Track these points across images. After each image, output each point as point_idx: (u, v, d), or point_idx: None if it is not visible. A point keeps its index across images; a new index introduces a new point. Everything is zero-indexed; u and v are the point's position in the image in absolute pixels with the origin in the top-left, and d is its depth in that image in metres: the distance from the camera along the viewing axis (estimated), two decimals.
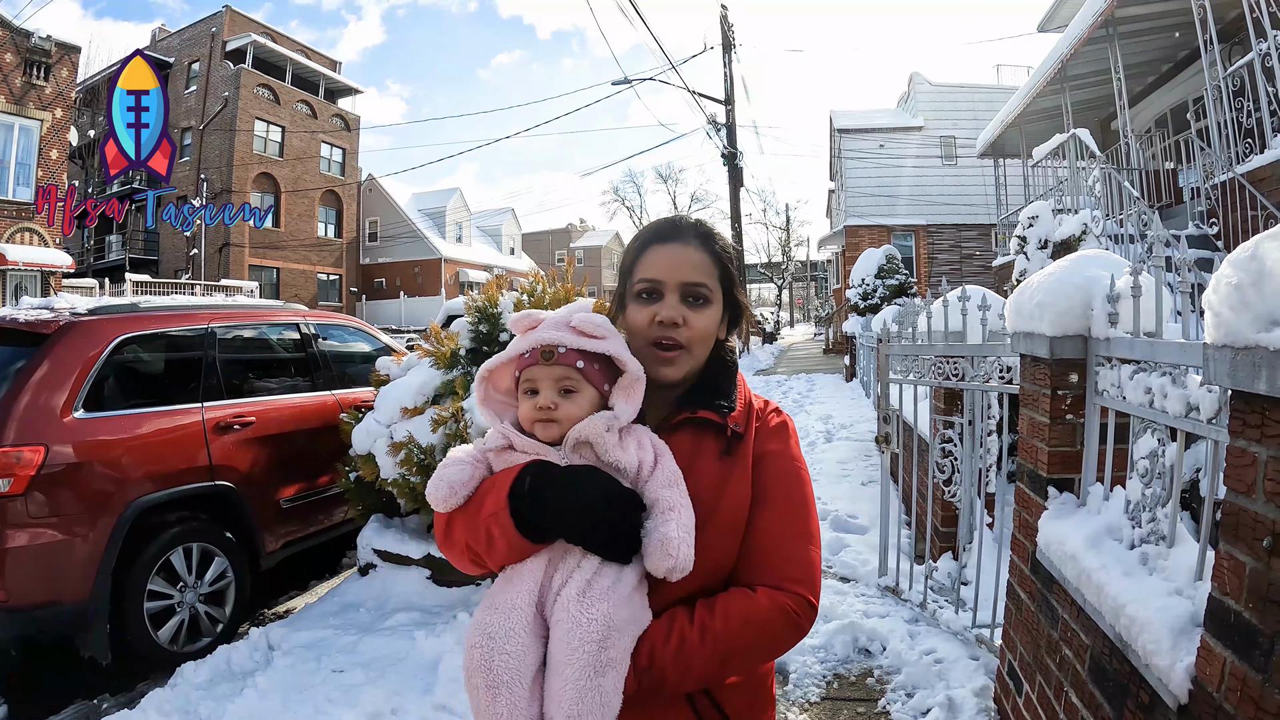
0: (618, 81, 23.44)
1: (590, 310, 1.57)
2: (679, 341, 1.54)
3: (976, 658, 4.17)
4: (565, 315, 1.54)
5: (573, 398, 1.49)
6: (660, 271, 1.57)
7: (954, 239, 28.41)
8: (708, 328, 1.58)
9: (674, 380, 1.57)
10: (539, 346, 1.50)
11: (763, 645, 1.46)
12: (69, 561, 4.36)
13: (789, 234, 68.35)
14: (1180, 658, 1.91)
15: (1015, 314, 3.36)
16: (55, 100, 24.96)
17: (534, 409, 1.50)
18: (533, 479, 1.41)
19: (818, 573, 1.51)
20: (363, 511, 5.84)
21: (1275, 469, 1.57)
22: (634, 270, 1.61)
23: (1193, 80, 12.40)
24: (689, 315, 1.55)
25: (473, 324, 5.45)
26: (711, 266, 1.59)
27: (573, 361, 1.48)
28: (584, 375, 1.49)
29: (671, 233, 1.62)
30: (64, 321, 4.82)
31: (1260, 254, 1.54)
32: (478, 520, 1.44)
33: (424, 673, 4.26)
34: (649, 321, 1.55)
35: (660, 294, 1.56)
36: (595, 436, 1.46)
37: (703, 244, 1.60)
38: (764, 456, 1.57)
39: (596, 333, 1.50)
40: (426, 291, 46.28)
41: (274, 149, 41.15)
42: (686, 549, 1.37)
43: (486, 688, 1.34)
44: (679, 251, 1.58)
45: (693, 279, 1.56)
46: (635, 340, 1.57)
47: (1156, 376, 2.33)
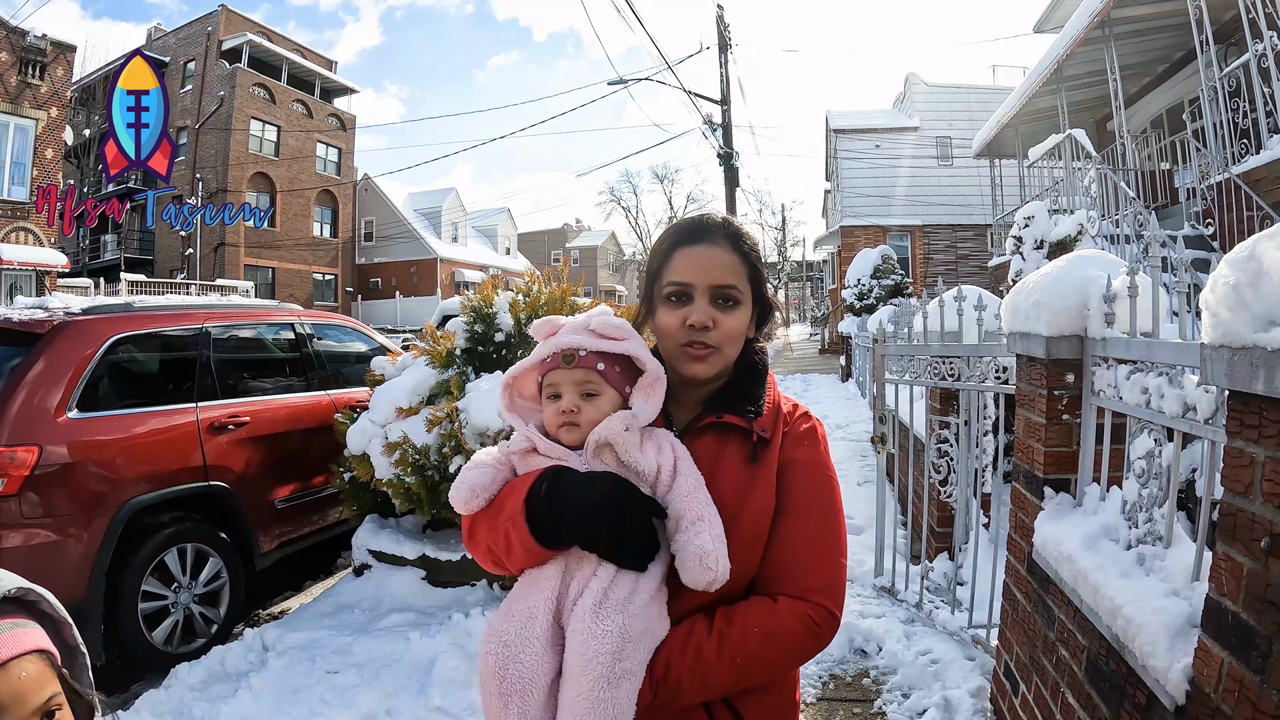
0: (614, 81, 23.42)
1: (609, 314, 1.56)
2: (710, 344, 1.52)
3: (973, 658, 4.17)
4: (585, 319, 1.54)
5: (594, 401, 1.49)
6: (689, 274, 1.54)
7: (949, 239, 28.40)
8: (738, 329, 1.56)
9: (706, 377, 1.55)
10: (560, 350, 1.50)
11: (783, 657, 1.44)
12: (63, 562, 4.34)
13: (785, 234, 68.28)
14: (1177, 659, 1.90)
15: (1011, 314, 3.36)
16: (51, 99, 24.89)
17: (557, 413, 1.50)
18: (549, 484, 1.41)
19: (842, 584, 1.50)
20: (357, 512, 5.84)
21: (1273, 469, 1.56)
22: (662, 273, 1.58)
23: (1189, 81, 12.42)
24: (719, 317, 1.53)
25: (468, 323, 5.45)
26: (741, 267, 1.57)
27: (593, 364, 1.49)
28: (605, 378, 1.50)
29: (700, 233, 1.59)
30: (58, 321, 4.81)
31: (1258, 254, 1.54)
32: (498, 524, 1.44)
33: (418, 674, 4.25)
34: (680, 325, 1.52)
35: (690, 297, 1.53)
36: (614, 437, 1.45)
37: (732, 244, 1.58)
38: (791, 463, 1.55)
39: (616, 334, 1.50)
40: (422, 291, 46.24)
41: (269, 148, 41.12)
42: (723, 560, 1.36)
43: (499, 694, 1.35)
44: (708, 253, 1.55)
45: (723, 281, 1.54)
46: (666, 343, 1.56)
47: (1153, 377, 2.32)
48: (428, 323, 5.97)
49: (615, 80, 23.06)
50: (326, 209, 45.32)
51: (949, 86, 29.56)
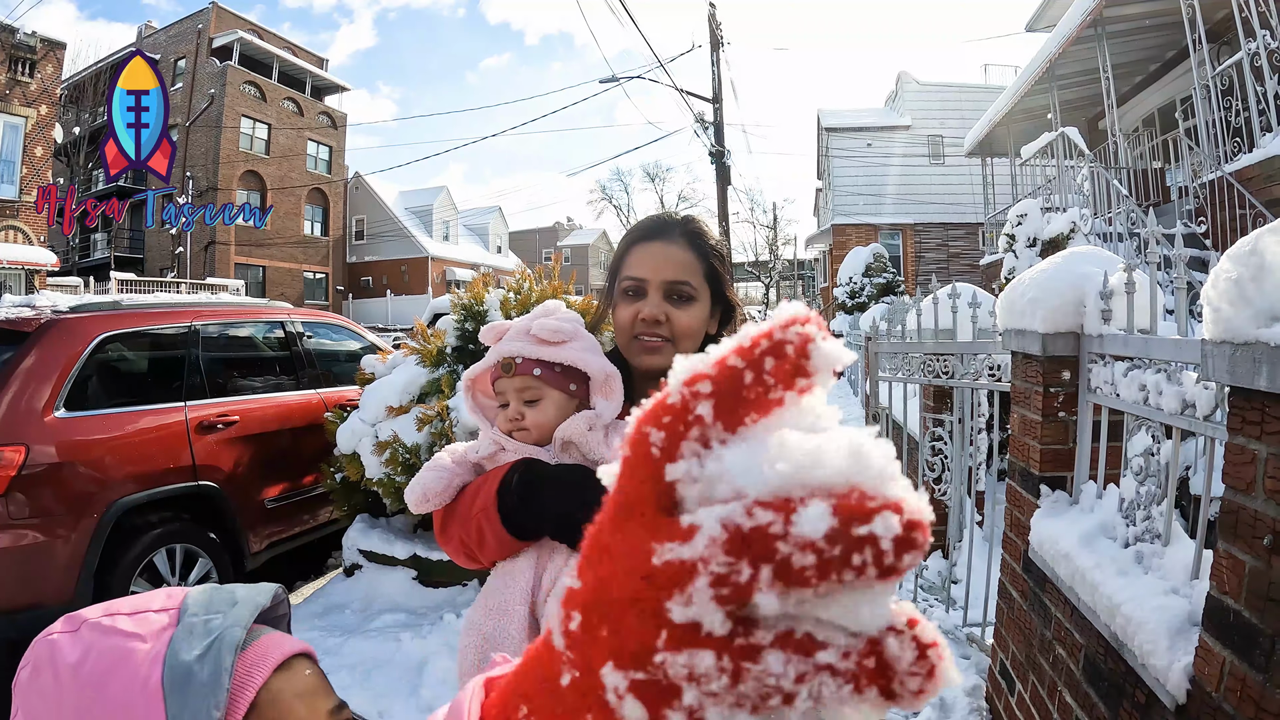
0: (605, 79, 23.41)
1: (558, 311, 1.59)
2: (663, 336, 1.56)
3: (967, 657, 4.16)
4: (526, 323, 1.57)
5: (538, 405, 1.52)
6: (644, 270, 1.58)
7: (941, 238, 28.49)
8: (691, 324, 1.58)
9: (659, 368, 1.56)
10: (499, 359, 1.54)
11: None
12: (51, 563, 4.30)
13: (776, 232, 68.29)
14: (1178, 657, 1.89)
15: (1007, 311, 3.35)
16: (40, 97, 24.82)
17: (506, 421, 1.54)
18: (520, 474, 1.43)
19: None
20: (348, 512, 5.81)
21: (1275, 466, 1.55)
22: (620, 268, 1.63)
23: (1181, 80, 12.45)
24: (671, 312, 1.56)
25: (458, 322, 5.42)
26: (697, 264, 1.60)
27: (529, 370, 1.52)
28: (544, 381, 1.52)
29: (658, 231, 1.63)
30: (45, 320, 4.77)
31: (1260, 249, 1.52)
32: (470, 515, 1.46)
33: (410, 674, 4.23)
34: (633, 319, 1.57)
35: (644, 292, 1.58)
36: (578, 436, 1.48)
37: (689, 242, 1.62)
38: None
39: (554, 339, 1.53)
40: (413, 290, 46.17)
41: (260, 146, 40.98)
42: None
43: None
44: (663, 250, 1.60)
45: (675, 277, 1.57)
46: (621, 336, 1.61)
47: (1151, 373, 2.31)
48: (418, 321, 5.94)
49: (607, 78, 23.03)
50: (317, 207, 45.19)
51: (941, 85, 29.71)
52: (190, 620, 0.92)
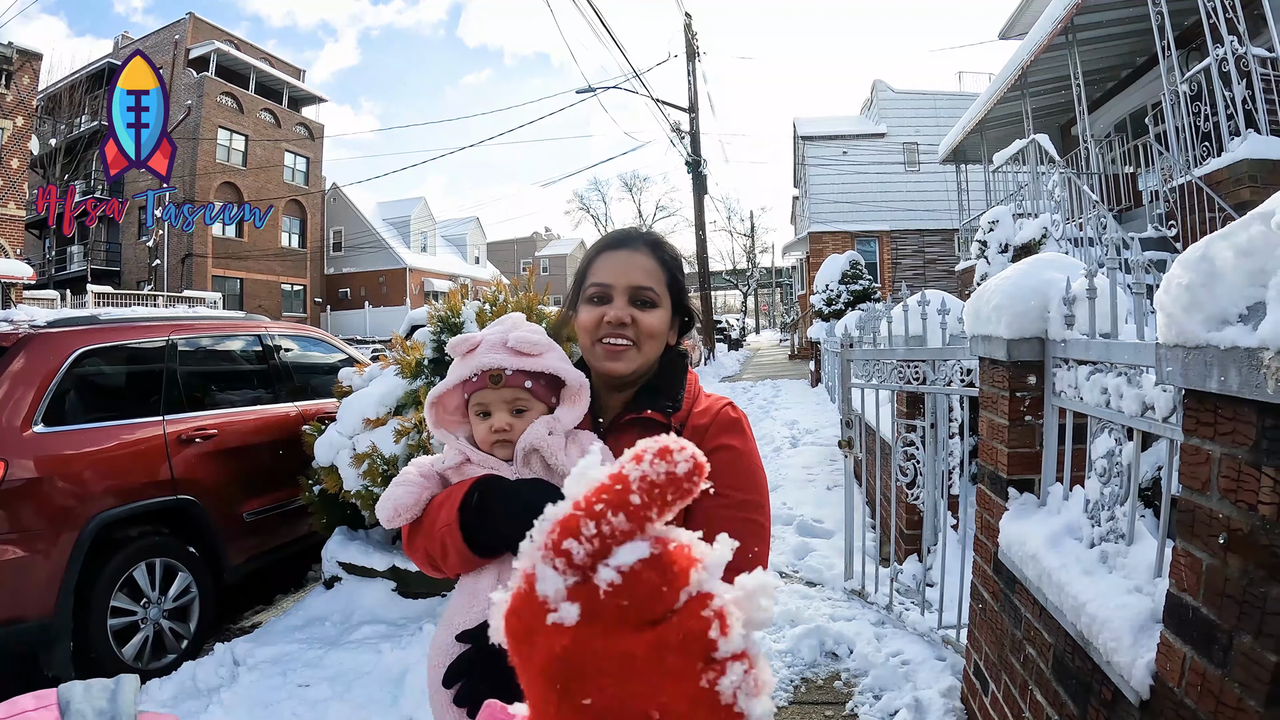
0: (582, 90, 23.45)
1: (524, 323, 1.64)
2: (629, 338, 1.60)
3: (943, 658, 4.20)
4: (501, 336, 1.59)
5: (525, 415, 1.57)
6: (610, 276, 1.64)
7: (917, 244, 28.65)
8: (655, 327, 1.63)
9: (623, 374, 1.62)
10: (486, 371, 1.56)
11: None
12: (31, 578, 4.28)
13: (754, 240, 68.52)
14: (1141, 654, 1.93)
15: (973, 317, 3.40)
16: (16, 108, 24.69)
17: (490, 431, 1.57)
18: (480, 493, 1.49)
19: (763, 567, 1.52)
20: (327, 524, 5.80)
21: (1229, 466, 1.59)
22: (586, 275, 1.68)
23: (1151, 86, 12.59)
24: (637, 315, 1.61)
25: (435, 333, 5.42)
26: (660, 272, 1.66)
27: (520, 383, 1.56)
28: (532, 394, 1.57)
29: (623, 241, 1.70)
30: (22, 334, 4.75)
31: (1210, 254, 1.57)
32: (434, 531, 1.51)
33: (390, 686, 4.23)
34: (597, 322, 1.61)
35: (610, 297, 1.62)
36: (539, 441, 1.52)
37: (652, 251, 1.68)
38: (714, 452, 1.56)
39: (533, 351, 1.57)
40: (392, 301, 46.05)
41: (237, 158, 40.81)
42: None
43: (447, 706, 1.45)
44: (629, 258, 1.66)
45: (640, 283, 1.63)
46: (584, 339, 1.65)
47: (1112, 377, 2.35)
48: (395, 333, 5.94)
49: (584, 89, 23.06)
50: (295, 219, 45.03)
51: (916, 93, 29.90)
52: (79, 710, 0.93)
